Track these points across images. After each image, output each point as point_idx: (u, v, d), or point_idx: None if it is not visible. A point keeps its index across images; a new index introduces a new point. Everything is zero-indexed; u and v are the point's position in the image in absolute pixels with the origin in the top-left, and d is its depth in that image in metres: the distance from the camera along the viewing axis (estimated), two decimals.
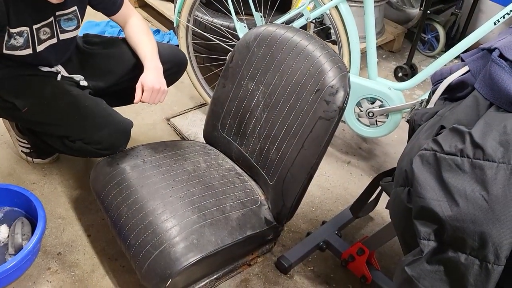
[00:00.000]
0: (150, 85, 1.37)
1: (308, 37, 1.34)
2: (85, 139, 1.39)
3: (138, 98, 1.37)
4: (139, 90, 1.37)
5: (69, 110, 1.40)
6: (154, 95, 1.38)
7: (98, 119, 1.41)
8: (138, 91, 1.37)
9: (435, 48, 2.60)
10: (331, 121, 1.23)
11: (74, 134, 1.39)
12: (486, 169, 0.69)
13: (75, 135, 1.39)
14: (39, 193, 1.57)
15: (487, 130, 0.71)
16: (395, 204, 0.86)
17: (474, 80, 0.82)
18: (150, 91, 1.37)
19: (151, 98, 1.38)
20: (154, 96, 1.39)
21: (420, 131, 0.87)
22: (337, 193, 1.74)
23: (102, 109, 1.44)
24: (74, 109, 1.40)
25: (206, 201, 1.30)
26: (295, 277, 1.42)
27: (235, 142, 1.49)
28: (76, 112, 1.40)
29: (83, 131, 1.38)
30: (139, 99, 1.37)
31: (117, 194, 1.30)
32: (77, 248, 1.41)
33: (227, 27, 1.90)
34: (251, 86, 1.41)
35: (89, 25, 2.39)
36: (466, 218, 0.69)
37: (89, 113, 1.41)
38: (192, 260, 1.16)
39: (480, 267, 0.68)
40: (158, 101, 1.41)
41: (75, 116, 1.39)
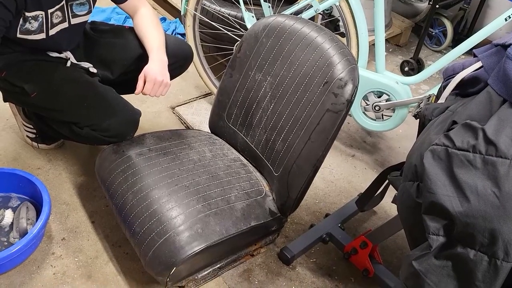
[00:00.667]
0: (153, 76, 1.36)
1: (318, 29, 1.33)
2: (93, 126, 1.38)
3: (140, 89, 1.36)
4: (141, 81, 1.36)
5: (78, 97, 1.39)
6: (156, 87, 1.37)
7: (107, 107, 1.41)
8: (140, 82, 1.36)
9: (442, 43, 2.59)
10: (339, 114, 1.23)
11: (82, 120, 1.38)
12: (499, 166, 0.69)
13: (83, 122, 1.38)
14: (44, 178, 1.57)
15: (500, 127, 0.71)
16: (403, 199, 0.85)
17: (487, 76, 0.82)
18: (152, 82, 1.36)
19: (152, 90, 1.37)
20: (156, 88, 1.37)
21: (430, 126, 0.87)
22: (341, 186, 1.74)
23: (112, 97, 1.44)
24: (83, 96, 1.40)
25: (211, 190, 1.30)
26: (297, 268, 1.43)
27: (241, 132, 1.48)
28: (85, 99, 1.39)
29: (92, 118, 1.38)
30: (141, 89, 1.36)
31: (122, 181, 1.30)
32: (81, 234, 1.42)
33: (234, 17, 1.89)
34: (259, 77, 1.41)
35: (95, 11, 2.37)
36: (476, 214, 0.68)
37: (98, 100, 1.40)
38: (197, 249, 1.17)
39: (489, 263, 0.68)
40: (160, 94, 1.39)
41: (84, 103, 1.39)
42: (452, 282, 0.73)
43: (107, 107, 1.41)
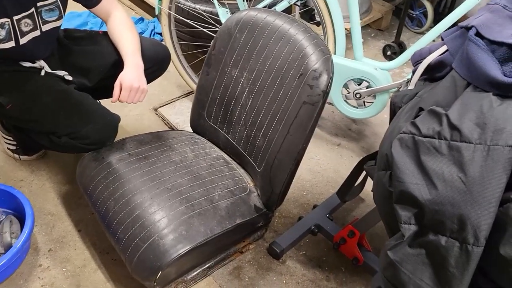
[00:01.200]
0: (129, 83, 1.33)
1: (290, 21, 1.31)
2: (71, 135, 1.37)
3: (116, 97, 1.33)
4: (117, 88, 1.33)
5: (54, 106, 1.38)
6: (132, 94, 1.34)
7: (84, 114, 1.39)
8: (116, 89, 1.33)
9: (423, 25, 2.57)
10: (316, 105, 1.22)
11: (60, 129, 1.37)
12: (463, 151, 0.68)
13: (61, 131, 1.37)
14: (27, 190, 1.56)
15: (463, 111, 0.70)
16: (378, 188, 0.85)
17: (452, 59, 0.81)
18: (128, 89, 1.33)
19: (129, 98, 1.35)
20: (132, 95, 1.35)
21: (400, 113, 0.86)
22: (328, 176, 1.74)
23: (88, 103, 1.42)
24: (59, 105, 1.38)
25: (194, 191, 1.30)
26: (287, 262, 1.42)
27: (221, 130, 1.47)
28: (61, 108, 1.38)
29: (69, 127, 1.37)
30: (117, 98, 1.33)
31: (104, 188, 1.30)
32: (68, 244, 1.41)
33: (210, 13, 1.87)
34: (235, 73, 1.40)
35: (71, 16, 2.35)
36: (444, 201, 0.68)
37: (74, 108, 1.39)
38: (182, 251, 1.16)
39: (460, 249, 0.68)
40: (137, 101, 1.37)
41: (60, 112, 1.38)
42: (427, 270, 0.72)
43: (84, 114, 1.39)
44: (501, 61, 0.71)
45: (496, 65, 0.71)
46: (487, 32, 0.74)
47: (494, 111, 0.68)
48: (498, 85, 0.70)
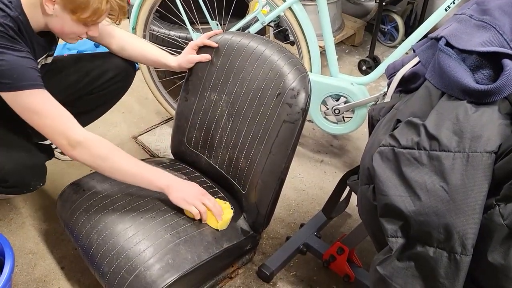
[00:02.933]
0: None
1: (265, 42, 1.33)
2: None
3: None
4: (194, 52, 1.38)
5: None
6: None
7: (1, 154, 1.29)
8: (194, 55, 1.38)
9: (395, 38, 2.63)
10: (296, 123, 1.22)
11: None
12: (443, 160, 0.68)
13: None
14: (6, 229, 1.51)
15: (440, 120, 0.71)
16: (362, 203, 0.85)
17: (425, 70, 0.82)
18: None
19: None
20: None
21: (378, 126, 0.87)
22: (313, 194, 1.73)
23: (6, 142, 1.33)
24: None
25: (179, 218, 1.27)
26: (278, 284, 1.40)
27: (203, 155, 1.46)
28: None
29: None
30: None
31: (85, 221, 1.26)
32: (51, 283, 1.36)
33: (185, 39, 1.88)
34: (214, 97, 1.39)
35: None
36: (429, 211, 0.68)
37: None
38: (169, 280, 1.13)
39: (448, 259, 0.68)
40: None
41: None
42: (418, 282, 0.71)
43: (2, 153, 1.29)
44: (472, 69, 0.73)
45: (468, 73, 0.72)
46: (457, 42, 0.76)
47: (470, 119, 0.69)
48: (472, 92, 0.71)
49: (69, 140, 1.20)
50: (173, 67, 1.43)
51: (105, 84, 1.55)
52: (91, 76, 1.53)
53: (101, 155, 1.24)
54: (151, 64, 1.63)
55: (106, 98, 1.61)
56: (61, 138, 1.20)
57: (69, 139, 1.20)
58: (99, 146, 1.24)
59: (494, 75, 0.71)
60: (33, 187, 1.37)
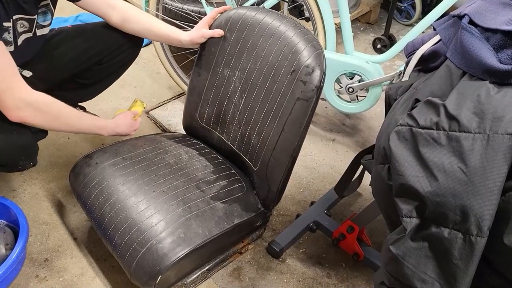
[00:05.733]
0: None
1: (280, 17, 1.30)
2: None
3: None
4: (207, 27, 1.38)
5: None
6: None
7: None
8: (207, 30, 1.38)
9: (412, 16, 2.57)
10: (310, 101, 1.21)
11: None
12: (463, 141, 0.67)
13: None
14: (20, 200, 1.53)
15: (461, 101, 0.70)
16: (376, 182, 0.84)
17: (446, 49, 0.80)
18: None
19: None
20: None
21: (396, 105, 0.85)
22: (324, 172, 1.73)
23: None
24: None
25: (190, 193, 1.28)
26: (287, 260, 1.41)
27: (215, 130, 1.46)
28: None
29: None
30: None
31: (98, 194, 1.27)
32: (64, 253, 1.39)
33: (198, 13, 1.86)
34: (227, 73, 1.38)
35: (57, 21, 2.31)
36: (446, 192, 0.67)
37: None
38: (181, 254, 1.15)
39: (463, 240, 0.67)
40: None
41: None
42: (430, 263, 0.71)
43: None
44: (496, 48, 0.71)
45: (491, 53, 0.70)
46: (480, 20, 0.73)
47: (492, 99, 0.67)
48: (495, 72, 0.69)
49: (16, 100, 1.18)
50: (185, 43, 1.41)
51: (113, 54, 1.54)
52: (98, 47, 1.51)
53: (53, 115, 1.26)
54: (160, 40, 1.60)
55: (116, 67, 1.60)
56: (7, 97, 1.17)
57: (17, 99, 1.18)
58: (49, 106, 1.26)
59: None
60: (22, 167, 1.35)
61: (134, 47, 1.58)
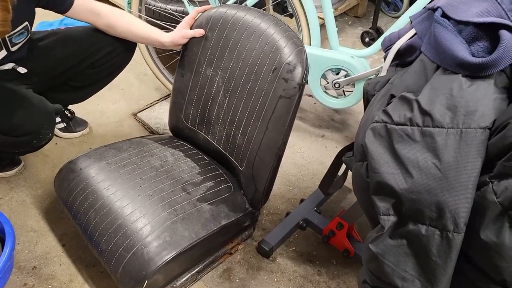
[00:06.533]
0: None
1: (261, 15, 1.29)
2: (3, 129, 1.33)
3: None
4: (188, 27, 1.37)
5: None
6: None
7: (12, 104, 1.35)
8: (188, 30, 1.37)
9: (400, 9, 2.56)
10: (292, 99, 1.20)
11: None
12: (436, 136, 0.66)
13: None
14: (7, 208, 1.52)
15: (434, 95, 0.69)
16: (356, 180, 0.83)
17: (421, 42, 0.79)
18: None
19: None
20: None
21: (373, 101, 0.84)
22: (314, 169, 1.72)
23: (18, 93, 1.38)
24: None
25: (176, 195, 1.27)
26: (278, 259, 1.41)
27: (201, 131, 1.45)
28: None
29: (1, 120, 1.33)
30: None
31: (83, 200, 1.26)
32: (53, 260, 1.38)
33: (181, 13, 1.84)
34: (210, 72, 1.37)
35: (42, 26, 2.29)
36: (421, 189, 0.66)
37: (2, 101, 1.35)
38: (167, 258, 1.14)
39: (441, 237, 0.66)
40: None
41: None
42: (410, 260, 0.71)
43: (12, 103, 1.35)
44: (469, 41, 0.69)
45: (463, 46, 0.69)
46: (453, 12, 0.72)
47: (464, 93, 0.66)
48: (467, 66, 0.68)
49: None
50: (166, 44, 1.40)
51: (106, 58, 1.54)
52: (91, 50, 1.51)
53: None
54: (142, 42, 1.60)
55: (108, 71, 1.60)
56: None
57: None
58: None
59: (491, 47, 0.68)
60: (43, 136, 1.39)
61: (127, 51, 1.58)
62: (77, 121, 1.83)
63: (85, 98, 1.70)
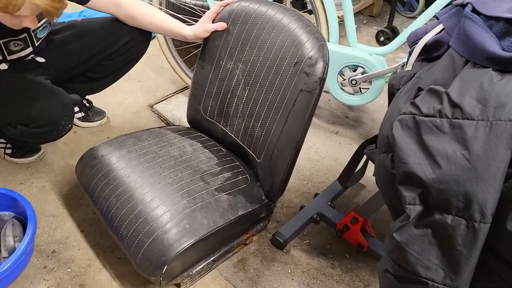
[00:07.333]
0: None
1: (283, 10, 1.31)
2: (23, 121, 1.36)
3: None
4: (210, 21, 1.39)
5: (4, 94, 1.36)
6: None
7: (32, 95, 1.37)
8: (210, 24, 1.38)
9: (415, 9, 2.57)
10: (313, 93, 1.22)
11: (12, 117, 1.36)
12: (466, 128, 0.68)
13: (14, 119, 1.36)
14: (28, 193, 1.55)
15: (464, 88, 0.70)
16: (380, 172, 0.85)
17: (449, 38, 0.80)
18: None
19: None
20: None
21: (399, 95, 0.86)
22: (328, 164, 1.73)
23: (37, 85, 1.40)
24: (9, 91, 1.37)
25: (195, 185, 1.29)
26: (291, 251, 1.43)
27: (219, 123, 1.47)
28: (11, 93, 1.37)
29: (18, 112, 1.35)
30: None
31: (104, 186, 1.29)
32: (71, 244, 1.40)
33: (201, 7, 1.86)
34: (230, 65, 1.39)
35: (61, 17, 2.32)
36: (449, 179, 0.68)
37: (21, 92, 1.37)
38: (186, 245, 1.16)
39: (467, 226, 0.68)
40: None
41: (8, 100, 1.36)
42: (434, 250, 0.72)
43: (31, 94, 1.37)
44: (499, 36, 0.71)
45: (494, 40, 0.70)
46: (483, 8, 0.74)
47: (495, 86, 0.68)
48: (498, 60, 0.69)
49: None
50: (188, 37, 1.42)
51: (122, 49, 1.56)
52: (107, 42, 1.54)
53: None
54: (164, 34, 1.62)
55: (125, 62, 1.63)
56: None
57: None
58: None
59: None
60: (62, 127, 1.41)
61: (143, 42, 1.60)
62: (95, 110, 1.86)
63: (102, 89, 1.73)
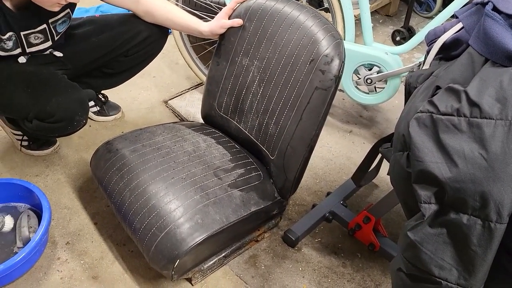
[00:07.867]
0: None
1: (299, 7, 1.31)
2: (38, 115, 1.36)
3: None
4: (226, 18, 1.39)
5: (21, 88, 1.37)
6: None
7: (47, 90, 1.38)
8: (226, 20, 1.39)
9: (432, 9, 2.54)
10: (328, 90, 1.21)
11: (29, 111, 1.37)
12: (484, 127, 0.67)
13: (30, 113, 1.37)
14: (43, 185, 1.57)
15: (483, 87, 0.69)
16: (395, 170, 0.84)
17: (468, 36, 0.80)
18: None
19: None
20: None
21: (416, 93, 0.85)
22: (341, 163, 1.73)
23: (53, 80, 1.41)
24: (26, 85, 1.37)
25: (208, 180, 1.30)
26: (303, 249, 1.42)
27: (233, 119, 1.47)
28: (27, 87, 1.37)
29: (34, 106, 1.36)
30: None
31: (119, 179, 1.30)
32: (85, 237, 1.42)
33: (217, 3, 1.87)
34: (246, 62, 1.39)
35: (79, 12, 2.35)
36: (465, 178, 0.67)
37: (37, 87, 1.38)
38: (198, 239, 1.17)
39: (482, 226, 0.67)
40: None
41: (24, 94, 1.37)
42: (448, 249, 0.72)
43: (47, 89, 1.38)
44: None
45: None
46: (504, 7, 0.73)
47: None
48: None
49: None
50: (204, 33, 1.42)
51: (139, 46, 1.57)
52: (125, 38, 1.55)
53: None
54: (181, 30, 1.63)
55: (142, 58, 1.64)
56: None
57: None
58: None
59: None
60: (77, 123, 1.41)
61: (161, 39, 1.62)
62: (110, 105, 1.87)
63: (118, 84, 1.74)
